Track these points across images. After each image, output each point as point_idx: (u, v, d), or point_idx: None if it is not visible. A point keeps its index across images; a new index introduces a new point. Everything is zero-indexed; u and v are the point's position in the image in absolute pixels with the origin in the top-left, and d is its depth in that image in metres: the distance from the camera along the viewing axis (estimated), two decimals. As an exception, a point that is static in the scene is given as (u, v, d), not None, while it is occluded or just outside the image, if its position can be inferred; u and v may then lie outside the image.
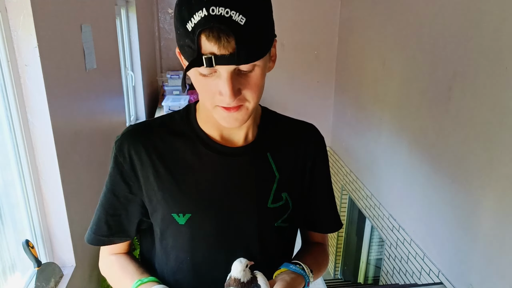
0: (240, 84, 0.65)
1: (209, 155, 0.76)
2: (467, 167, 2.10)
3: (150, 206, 0.78)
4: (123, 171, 0.77)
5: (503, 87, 1.81)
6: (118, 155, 0.77)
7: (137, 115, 3.51)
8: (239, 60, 0.61)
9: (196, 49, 0.61)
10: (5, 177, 1.35)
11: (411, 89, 2.72)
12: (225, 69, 0.63)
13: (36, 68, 1.28)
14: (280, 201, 0.80)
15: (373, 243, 3.92)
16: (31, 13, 1.22)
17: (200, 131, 0.78)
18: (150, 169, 0.76)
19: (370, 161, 3.48)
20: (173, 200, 0.76)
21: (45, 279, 1.39)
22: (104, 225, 0.80)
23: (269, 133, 0.82)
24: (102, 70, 2.06)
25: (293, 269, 0.76)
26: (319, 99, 4.45)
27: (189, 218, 0.76)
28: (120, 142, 0.77)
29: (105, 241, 0.82)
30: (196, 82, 0.68)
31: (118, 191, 0.78)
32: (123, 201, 0.79)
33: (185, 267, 0.79)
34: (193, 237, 0.77)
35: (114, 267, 0.84)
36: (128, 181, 0.77)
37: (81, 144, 1.68)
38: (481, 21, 1.96)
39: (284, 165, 0.81)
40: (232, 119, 0.69)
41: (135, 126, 0.80)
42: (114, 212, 0.79)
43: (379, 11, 3.24)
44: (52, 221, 1.48)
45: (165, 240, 0.80)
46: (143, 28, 3.49)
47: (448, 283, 2.26)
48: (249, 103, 0.68)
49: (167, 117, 0.82)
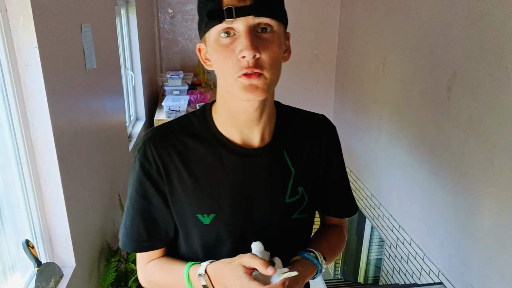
0: (259, 45, 0.69)
1: (229, 157, 0.80)
2: (467, 167, 2.10)
3: (174, 208, 0.82)
4: (151, 176, 0.80)
5: (503, 87, 1.81)
6: (143, 161, 0.80)
7: (137, 115, 3.51)
8: (258, 10, 0.67)
9: (218, 5, 0.68)
10: (5, 177, 1.35)
11: (411, 89, 2.72)
12: (244, 24, 0.68)
13: (36, 68, 1.28)
14: (297, 195, 0.86)
15: (373, 243, 3.93)
16: (31, 13, 1.22)
17: (219, 134, 0.81)
18: (174, 173, 0.80)
19: (370, 161, 3.48)
20: (197, 202, 0.80)
21: (45, 279, 1.39)
22: (143, 231, 0.83)
23: (284, 131, 0.86)
24: (102, 70, 2.06)
25: (306, 257, 0.82)
26: (319, 99, 4.45)
27: (213, 218, 0.80)
28: (144, 148, 0.80)
29: (147, 247, 0.85)
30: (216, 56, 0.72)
31: (151, 196, 0.81)
32: (156, 205, 0.82)
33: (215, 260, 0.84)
34: (219, 235, 0.82)
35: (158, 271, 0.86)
36: (157, 186, 0.81)
37: (81, 144, 1.68)
38: (481, 21, 1.96)
39: (299, 159, 0.86)
40: (253, 88, 0.70)
41: (155, 132, 0.82)
42: (150, 217, 0.83)
43: (379, 11, 3.24)
44: (52, 221, 1.48)
45: (190, 240, 0.84)
46: (143, 28, 3.49)
47: (448, 283, 2.26)
48: (267, 71, 0.70)
49: (185, 120, 0.84)
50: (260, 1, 0.68)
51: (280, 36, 0.73)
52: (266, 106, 0.79)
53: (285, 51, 0.78)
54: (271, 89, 0.75)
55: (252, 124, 0.80)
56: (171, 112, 3.16)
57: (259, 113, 0.78)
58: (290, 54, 0.80)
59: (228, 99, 0.77)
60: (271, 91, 0.76)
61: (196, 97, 3.46)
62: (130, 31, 3.29)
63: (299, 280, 0.76)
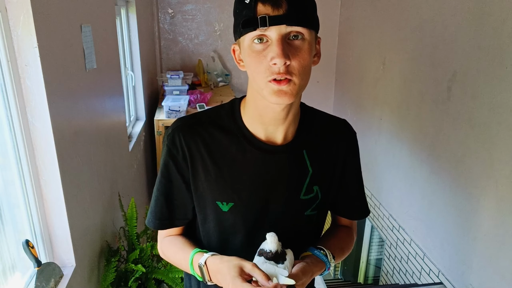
0: (290, 52, 0.73)
1: (252, 151, 0.85)
2: (467, 167, 2.10)
3: (196, 194, 0.89)
4: (177, 162, 0.87)
5: (503, 87, 1.82)
6: (171, 147, 0.86)
7: (137, 115, 3.51)
8: (290, 20, 0.71)
9: (253, 14, 0.72)
10: (5, 177, 1.35)
11: (411, 89, 2.72)
12: (276, 32, 0.72)
13: (36, 68, 1.28)
14: (311, 193, 0.90)
15: (373, 243, 3.93)
16: (31, 13, 1.22)
17: (245, 129, 0.86)
18: (199, 160, 0.86)
19: (370, 161, 3.48)
20: (218, 189, 0.86)
21: (45, 279, 1.39)
22: (166, 210, 0.90)
23: (307, 131, 0.90)
24: (102, 70, 2.06)
25: (316, 254, 0.86)
26: (319, 99, 4.45)
27: (232, 206, 0.86)
28: (173, 136, 0.86)
29: (167, 224, 0.93)
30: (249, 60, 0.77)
31: (174, 180, 0.88)
32: (180, 188, 0.89)
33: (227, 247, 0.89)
34: (235, 223, 0.88)
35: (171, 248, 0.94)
36: (181, 171, 0.87)
37: (81, 144, 1.68)
38: (481, 21, 1.96)
39: (317, 160, 0.90)
40: (282, 93, 0.74)
41: (184, 121, 0.88)
42: (173, 197, 0.90)
43: (379, 11, 3.24)
44: (52, 221, 1.48)
45: (207, 224, 0.90)
46: (143, 28, 3.49)
47: (448, 283, 2.26)
48: (297, 78, 0.74)
49: (214, 112, 0.90)
50: (293, 11, 0.71)
51: (311, 43, 0.76)
52: (293, 107, 0.84)
53: (315, 55, 0.81)
54: (300, 94, 0.79)
55: (277, 123, 0.84)
56: (171, 112, 3.16)
57: (285, 113, 0.83)
58: (320, 57, 0.83)
59: (258, 99, 0.81)
60: (299, 95, 0.80)
61: (196, 97, 3.46)
62: (130, 31, 3.28)
63: (308, 274, 0.79)
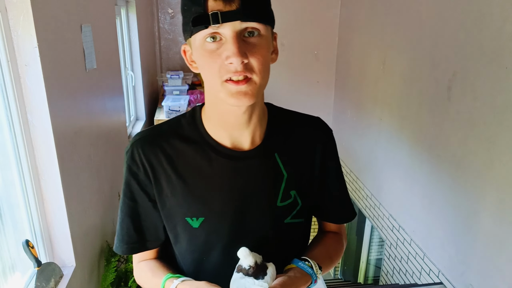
0: (247, 50, 0.67)
1: (219, 160, 0.78)
2: (467, 167, 2.10)
3: (163, 211, 0.81)
4: (139, 179, 0.80)
5: (503, 87, 1.81)
6: (131, 164, 0.79)
7: (137, 115, 3.51)
8: (244, 15, 0.65)
9: (203, 10, 0.65)
10: (5, 177, 1.35)
11: (411, 89, 2.72)
12: (231, 29, 0.66)
13: (36, 68, 1.28)
14: (289, 199, 0.83)
15: (373, 243, 3.93)
16: (31, 13, 1.22)
17: (208, 137, 0.79)
18: (162, 175, 0.78)
19: (370, 161, 3.48)
20: (186, 204, 0.79)
21: (45, 279, 1.39)
22: (133, 233, 0.83)
23: (276, 133, 0.83)
24: (102, 70, 2.06)
25: (301, 267, 0.79)
26: (319, 99, 4.45)
27: (202, 221, 0.79)
28: (131, 151, 0.79)
29: (137, 248, 0.85)
30: (202, 60, 0.71)
31: (139, 199, 0.81)
32: (146, 207, 0.81)
33: (203, 268, 0.82)
34: (208, 239, 0.80)
35: (145, 272, 0.86)
36: (145, 189, 0.80)
37: (81, 144, 1.68)
38: (481, 21, 1.96)
39: (292, 163, 0.83)
40: (241, 94, 0.68)
41: (143, 134, 0.81)
42: (140, 219, 0.82)
43: (379, 11, 3.24)
44: (52, 221, 1.48)
45: (179, 244, 0.83)
46: (143, 28, 3.49)
47: (448, 283, 2.26)
48: (256, 75, 0.68)
49: (174, 122, 0.83)
50: (247, 6, 0.65)
51: (268, 39, 0.71)
52: (256, 109, 0.77)
53: (273, 52, 0.76)
54: (261, 93, 0.74)
55: (241, 127, 0.78)
56: (171, 112, 3.16)
57: (248, 115, 0.76)
58: (278, 54, 0.77)
59: (217, 103, 0.75)
60: (260, 95, 0.75)
61: (196, 97, 3.46)
62: (130, 31, 3.29)
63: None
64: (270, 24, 0.71)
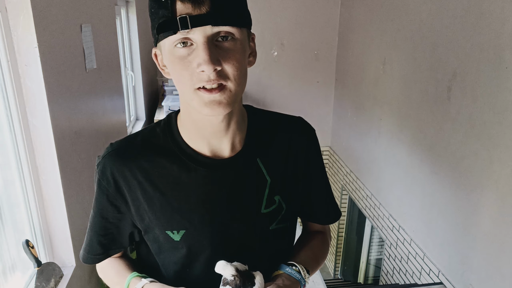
0: (220, 56, 0.62)
1: (197, 169, 0.74)
2: (467, 167, 2.10)
3: (143, 224, 0.77)
4: (108, 194, 0.76)
5: (503, 87, 1.82)
6: (101, 179, 0.75)
7: (137, 115, 3.51)
8: (215, 19, 0.60)
9: (171, 14, 0.60)
10: (5, 177, 1.35)
11: (411, 89, 2.72)
12: (201, 34, 0.60)
13: (36, 68, 1.28)
14: (273, 205, 0.79)
15: (373, 243, 3.93)
16: (31, 13, 1.22)
17: (185, 146, 0.75)
18: (138, 189, 0.74)
19: (370, 161, 3.48)
20: (165, 217, 0.75)
21: (45, 279, 1.39)
22: (97, 245, 0.81)
23: (257, 137, 0.79)
24: (102, 70, 2.06)
25: (288, 273, 0.76)
26: (319, 99, 4.45)
27: (184, 234, 0.75)
28: (103, 165, 0.75)
29: (101, 258, 0.83)
30: (172, 67, 0.65)
31: (106, 213, 0.78)
32: (112, 221, 0.79)
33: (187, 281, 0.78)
34: (190, 252, 0.77)
35: (108, 271, 0.85)
36: (114, 203, 0.76)
37: (81, 144, 1.68)
38: (481, 21, 1.96)
39: (275, 167, 0.79)
40: (215, 103, 0.64)
41: (115, 147, 0.76)
42: (105, 232, 0.80)
43: (379, 11, 3.24)
44: (52, 221, 1.48)
45: (162, 255, 0.80)
46: (143, 28, 3.49)
47: (448, 283, 2.26)
48: (231, 82, 0.64)
49: (148, 132, 0.78)
50: (218, 8, 0.60)
51: (243, 42, 0.65)
52: (234, 115, 0.72)
53: (250, 55, 0.70)
54: (237, 101, 0.69)
55: (219, 135, 0.73)
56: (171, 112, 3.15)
57: (226, 123, 0.72)
58: (256, 56, 0.72)
59: (191, 111, 0.71)
60: (237, 103, 0.70)
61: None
62: (130, 31, 3.29)
63: None
64: (246, 26, 0.66)
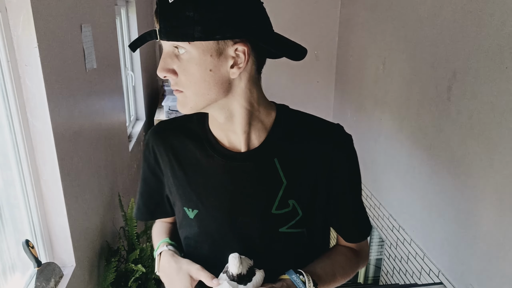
0: (175, 65, 0.71)
1: (215, 157, 0.80)
2: (467, 167, 2.10)
3: (171, 197, 0.89)
4: (149, 164, 0.88)
5: (503, 87, 1.82)
6: (145, 149, 0.88)
7: (137, 115, 3.51)
8: (162, 34, 0.68)
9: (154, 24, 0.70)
10: (5, 177, 1.35)
11: (411, 89, 2.72)
12: (164, 45, 0.71)
13: (36, 68, 1.28)
14: (287, 208, 0.79)
15: (373, 243, 3.92)
16: (31, 13, 1.22)
17: (210, 134, 0.82)
18: (168, 165, 0.85)
19: (370, 161, 3.48)
20: (185, 195, 0.84)
21: (45, 279, 1.39)
22: (143, 207, 0.94)
23: (281, 138, 0.79)
24: (102, 70, 2.06)
25: (293, 280, 0.76)
26: (319, 99, 4.45)
27: (196, 213, 0.83)
28: (147, 139, 0.88)
29: (147, 218, 1.01)
30: None
31: (149, 181, 0.90)
32: (155, 188, 0.90)
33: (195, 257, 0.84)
34: (200, 231, 0.84)
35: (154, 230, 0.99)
36: (155, 173, 0.88)
37: (81, 144, 1.68)
38: (481, 21, 1.96)
39: (295, 170, 0.79)
40: (179, 103, 0.75)
41: (159, 125, 0.90)
42: (148, 197, 0.93)
43: (379, 11, 3.24)
44: (52, 221, 1.48)
45: (181, 229, 0.89)
46: (143, 28, 3.49)
47: (448, 283, 2.26)
48: (186, 90, 0.72)
49: (187, 117, 0.86)
50: (163, 25, 0.67)
51: (199, 56, 0.67)
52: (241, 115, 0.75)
53: (233, 66, 0.69)
54: (199, 105, 0.73)
55: (232, 130, 0.78)
56: (171, 112, 3.16)
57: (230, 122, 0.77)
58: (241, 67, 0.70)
59: None
60: (199, 107, 0.74)
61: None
62: (130, 31, 3.29)
63: None
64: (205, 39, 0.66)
